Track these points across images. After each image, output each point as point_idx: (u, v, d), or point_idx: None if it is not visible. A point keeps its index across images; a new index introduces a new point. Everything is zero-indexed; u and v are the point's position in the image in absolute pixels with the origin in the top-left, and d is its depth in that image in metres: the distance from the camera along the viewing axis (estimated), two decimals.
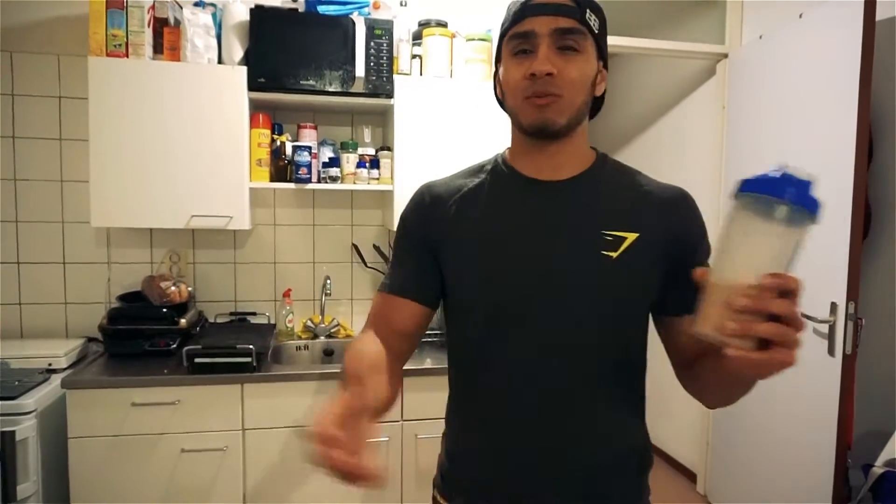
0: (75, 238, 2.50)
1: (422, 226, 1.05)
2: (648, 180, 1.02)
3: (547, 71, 0.88)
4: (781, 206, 0.66)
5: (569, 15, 0.91)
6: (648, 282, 0.95)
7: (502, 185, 1.01)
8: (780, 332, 0.66)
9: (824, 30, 2.23)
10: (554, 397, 0.95)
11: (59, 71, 2.44)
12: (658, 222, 0.96)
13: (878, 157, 2.23)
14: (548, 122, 0.92)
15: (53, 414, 2.04)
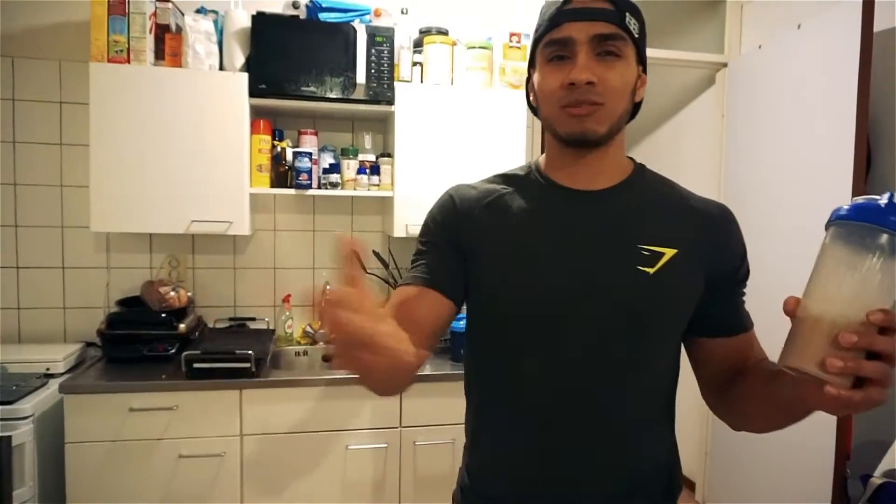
0: (75, 243, 2.50)
1: (450, 226, 0.98)
2: (688, 193, 0.98)
3: (587, 80, 0.84)
4: (884, 235, 0.62)
5: (608, 20, 0.86)
6: (685, 300, 0.92)
7: (536, 194, 0.97)
8: (882, 371, 0.64)
9: (823, 40, 2.24)
10: (585, 416, 0.91)
11: (61, 76, 2.44)
12: (698, 239, 0.92)
13: (876, 166, 2.24)
14: (587, 131, 0.88)
15: (51, 419, 2.04)
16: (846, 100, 2.08)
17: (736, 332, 0.97)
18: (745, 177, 2.75)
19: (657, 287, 0.89)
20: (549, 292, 0.90)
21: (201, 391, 2.08)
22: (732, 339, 0.96)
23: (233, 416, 2.11)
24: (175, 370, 2.13)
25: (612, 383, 0.91)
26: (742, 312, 0.98)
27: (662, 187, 0.99)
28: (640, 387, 0.93)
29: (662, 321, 0.91)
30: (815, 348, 0.66)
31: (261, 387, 2.12)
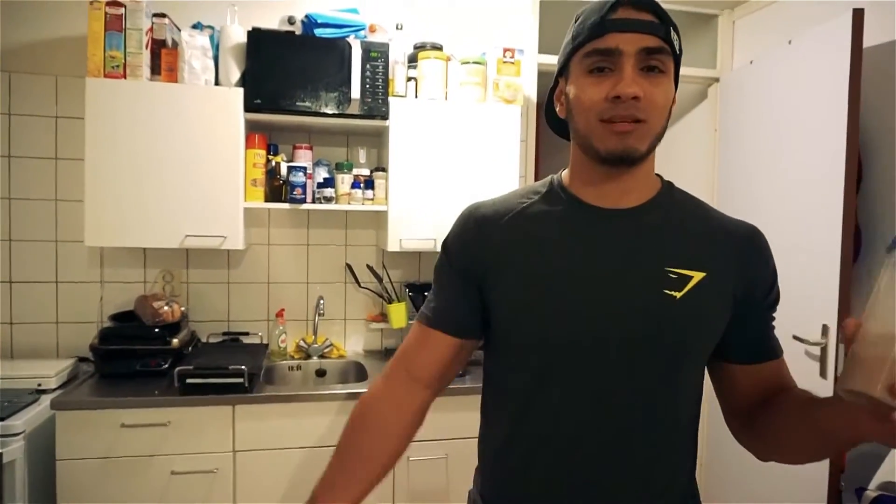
0: (69, 257, 2.50)
1: (466, 253, 0.96)
2: (718, 214, 0.95)
3: (634, 94, 0.80)
4: None
5: (655, 33, 0.83)
6: (713, 326, 0.88)
7: (559, 212, 0.92)
8: None
9: (813, 55, 2.26)
10: (605, 443, 0.88)
11: (57, 91, 2.45)
12: (728, 262, 0.88)
13: (867, 180, 2.26)
14: (629, 149, 0.83)
15: (42, 435, 2.02)
16: (837, 114, 2.10)
17: (765, 358, 0.93)
18: (738, 190, 2.77)
19: (684, 312, 0.85)
20: (570, 316, 0.86)
21: (194, 407, 2.07)
22: (761, 365, 0.93)
23: (226, 431, 2.10)
24: (168, 385, 2.12)
25: (635, 412, 0.87)
26: (771, 338, 0.94)
27: (691, 207, 0.95)
28: (664, 415, 0.89)
29: (688, 347, 0.88)
30: (883, 372, 0.63)
31: (254, 402, 2.11)
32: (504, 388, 0.96)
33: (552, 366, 0.88)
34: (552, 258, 0.89)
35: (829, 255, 2.11)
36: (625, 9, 0.83)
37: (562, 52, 0.91)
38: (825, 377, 2.13)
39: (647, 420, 0.88)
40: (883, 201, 2.23)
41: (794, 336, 2.23)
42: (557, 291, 0.87)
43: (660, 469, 0.91)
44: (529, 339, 0.89)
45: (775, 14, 2.76)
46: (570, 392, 0.88)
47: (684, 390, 0.91)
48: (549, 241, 0.90)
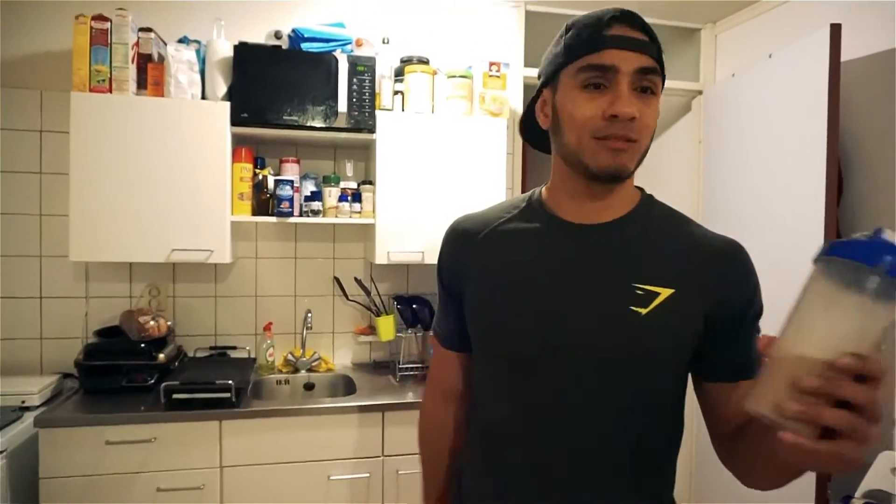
0: (53, 272, 2.47)
1: (450, 269, 1.02)
2: (697, 228, 0.92)
3: (633, 115, 0.80)
4: (873, 277, 0.55)
5: (649, 53, 0.83)
6: (681, 343, 0.86)
7: (534, 228, 0.93)
8: (850, 423, 0.56)
9: (793, 69, 2.30)
10: (573, 460, 0.87)
11: (42, 105, 2.44)
12: (700, 278, 0.86)
13: (848, 191, 2.29)
14: (621, 167, 0.84)
15: (25, 454, 1.99)
16: (817, 126, 2.13)
17: (741, 376, 0.87)
18: (722, 201, 2.80)
19: (649, 328, 0.83)
20: (537, 334, 0.87)
21: (181, 422, 2.05)
22: (739, 384, 0.88)
23: (212, 447, 2.08)
24: (154, 401, 2.10)
25: (596, 427, 0.86)
26: (750, 356, 0.87)
27: (669, 221, 0.93)
28: (634, 433, 0.87)
29: (655, 364, 0.86)
30: (775, 390, 0.59)
31: (241, 417, 2.10)
32: (477, 392, 1.00)
33: (517, 380, 0.89)
34: (522, 274, 0.90)
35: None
36: (620, 26, 0.83)
37: (549, 63, 0.90)
38: None
39: (616, 438, 0.87)
40: (863, 212, 2.27)
41: None
42: (524, 307, 0.88)
43: (633, 488, 0.89)
44: (496, 352, 0.92)
45: (756, 28, 2.81)
46: (535, 407, 0.88)
47: (656, 409, 0.89)
48: (521, 257, 0.92)
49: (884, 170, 2.19)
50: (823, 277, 0.59)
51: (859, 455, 0.57)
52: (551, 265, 0.89)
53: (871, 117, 2.24)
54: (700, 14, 3.01)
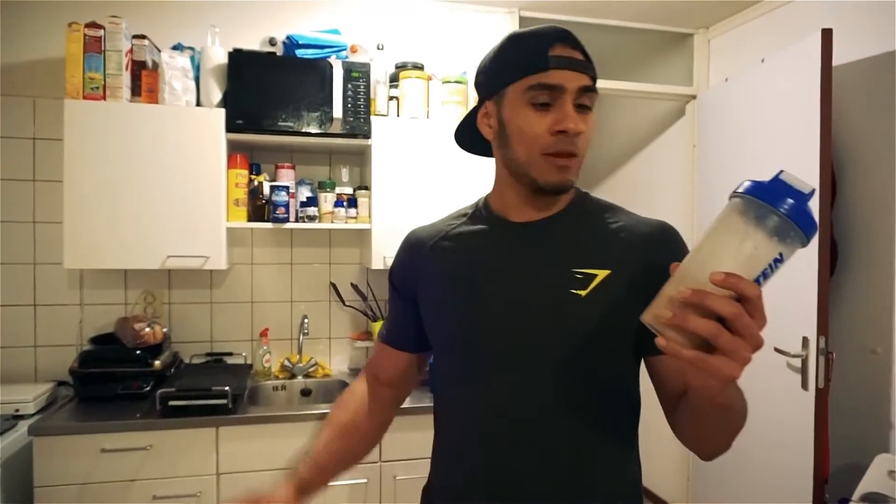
0: (47, 280, 2.46)
1: (403, 273, 1.09)
2: (628, 216, 0.99)
3: (580, 131, 0.88)
4: (773, 216, 0.62)
5: (589, 73, 0.91)
6: (621, 319, 0.90)
7: (481, 230, 1.01)
8: (718, 334, 0.61)
9: (785, 73, 2.32)
10: (527, 437, 0.92)
11: (35, 113, 2.43)
12: (634, 258, 0.92)
13: (841, 194, 2.31)
14: (566, 182, 0.91)
15: (19, 462, 1.98)
16: (810, 130, 2.15)
17: None
18: (716, 204, 2.79)
19: (590, 308, 0.90)
20: (485, 321, 0.94)
21: (176, 429, 2.04)
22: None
23: (209, 454, 2.07)
24: (150, 408, 2.09)
25: (551, 406, 0.91)
26: None
27: (602, 211, 1.00)
28: (586, 412, 0.92)
29: (600, 341, 0.91)
30: (659, 303, 0.65)
31: (238, 423, 2.09)
32: (438, 387, 1.06)
33: (471, 366, 0.96)
34: (470, 271, 0.97)
35: (807, 269, 2.14)
36: (562, 46, 0.90)
37: (492, 76, 0.95)
38: (806, 388, 2.16)
39: (570, 418, 0.91)
40: (857, 215, 2.28)
41: (776, 349, 2.26)
42: (473, 300, 0.95)
43: (593, 468, 0.93)
44: (450, 344, 1.00)
45: (749, 33, 2.83)
46: (488, 388, 0.94)
47: (609, 388, 0.94)
48: (471, 257, 0.99)
49: (877, 173, 2.20)
50: (732, 211, 0.65)
51: (731, 370, 0.62)
52: (498, 262, 0.96)
53: (863, 121, 2.26)
54: (693, 19, 3.03)
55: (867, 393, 2.22)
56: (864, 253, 2.26)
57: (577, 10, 2.93)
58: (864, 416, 2.23)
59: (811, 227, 0.63)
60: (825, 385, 2.12)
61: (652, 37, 3.17)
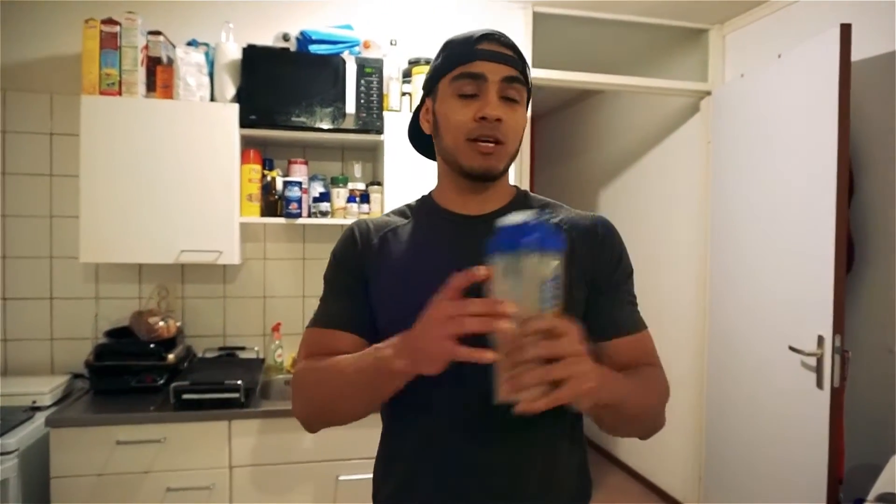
0: (63, 273, 2.49)
1: (353, 260, 1.04)
2: (567, 211, 1.05)
3: (498, 116, 0.92)
4: (509, 258, 0.71)
5: (514, 66, 0.96)
6: (573, 305, 0.95)
7: (427, 222, 1.04)
8: (547, 374, 0.69)
9: (802, 69, 2.29)
10: (476, 427, 0.94)
11: (52, 108, 2.46)
12: (578, 250, 0.97)
13: (859, 191, 2.28)
14: (491, 168, 0.95)
15: (36, 453, 2.01)
16: (827, 126, 2.12)
17: (614, 332, 0.99)
18: (731, 202, 2.79)
19: None
20: None
21: (190, 423, 2.06)
22: (616, 342, 0.99)
23: (222, 447, 2.09)
24: (164, 401, 2.11)
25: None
26: (623, 313, 1.01)
27: (544, 208, 1.06)
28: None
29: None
30: (498, 381, 0.73)
31: (250, 417, 2.10)
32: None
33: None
34: (418, 262, 0.99)
35: (823, 267, 2.12)
36: (490, 42, 0.96)
37: (430, 75, 1.02)
38: (821, 387, 2.13)
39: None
40: (875, 213, 2.25)
41: (791, 347, 2.24)
42: (424, 290, 0.92)
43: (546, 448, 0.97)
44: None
45: (765, 29, 2.80)
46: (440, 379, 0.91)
47: None
48: (416, 249, 1.01)
49: (895, 170, 2.17)
50: (498, 273, 0.73)
51: (581, 388, 0.71)
52: (447, 251, 0.98)
53: (881, 117, 2.23)
54: (708, 15, 3.00)
55: (883, 392, 2.20)
56: (881, 251, 2.23)
57: (592, 6, 2.91)
58: (879, 416, 2.21)
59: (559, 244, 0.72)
60: (840, 384, 2.10)
61: (667, 32, 3.15)
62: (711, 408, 2.91)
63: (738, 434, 2.65)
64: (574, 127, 4.76)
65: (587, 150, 4.56)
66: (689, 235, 3.27)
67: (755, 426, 2.53)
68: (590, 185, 4.48)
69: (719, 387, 2.83)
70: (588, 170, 4.54)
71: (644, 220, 3.75)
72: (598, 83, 3.09)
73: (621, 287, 1.02)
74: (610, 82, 3.07)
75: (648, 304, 4.16)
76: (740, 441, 2.63)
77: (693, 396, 3.13)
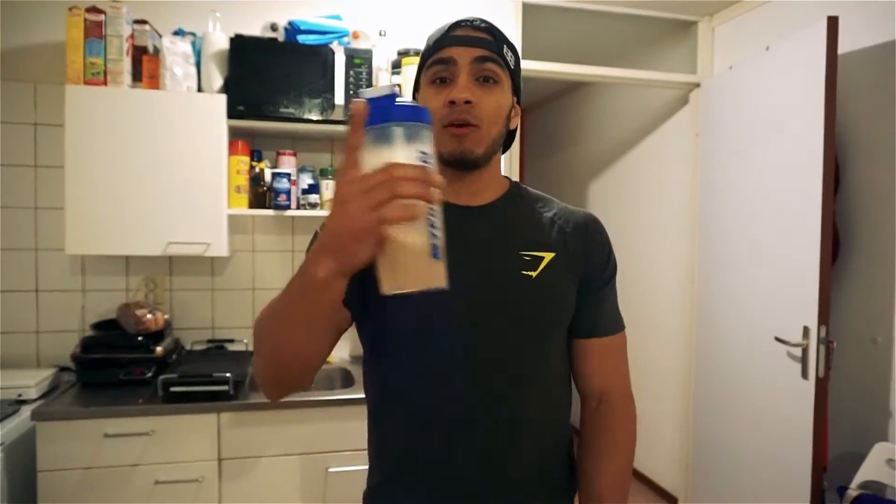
0: (49, 266, 2.46)
1: None
2: (560, 205, 1.06)
3: (466, 98, 0.91)
4: (396, 129, 0.66)
5: (487, 47, 0.94)
6: (568, 300, 0.99)
7: None
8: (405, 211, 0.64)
9: (790, 62, 2.31)
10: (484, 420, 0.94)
11: (36, 98, 2.42)
12: (571, 245, 0.99)
13: (844, 183, 2.30)
14: (466, 152, 0.94)
15: (22, 447, 1.99)
16: (814, 118, 2.14)
17: (593, 333, 1.03)
18: (718, 193, 2.80)
19: (540, 288, 0.96)
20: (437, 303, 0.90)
21: (178, 415, 2.05)
22: (592, 342, 1.03)
23: (210, 440, 2.08)
24: (152, 394, 2.10)
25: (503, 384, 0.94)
26: (603, 314, 1.04)
27: (538, 201, 1.06)
28: (537, 388, 0.97)
29: (548, 320, 0.98)
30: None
31: (239, 410, 2.10)
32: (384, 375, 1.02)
33: (423, 347, 0.95)
34: None
35: (809, 258, 2.14)
36: (463, 28, 0.96)
37: (417, 71, 1.03)
38: (806, 378, 2.16)
39: (524, 392, 0.96)
40: (860, 205, 2.28)
41: (776, 338, 2.27)
42: None
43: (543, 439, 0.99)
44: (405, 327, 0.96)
45: (754, 21, 2.81)
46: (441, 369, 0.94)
47: (555, 365, 1.01)
48: None
49: (880, 162, 2.20)
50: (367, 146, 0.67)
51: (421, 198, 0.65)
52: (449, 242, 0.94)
53: (867, 110, 2.24)
54: (697, 7, 3.01)
55: (867, 382, 2.23)
56: (866, 242, 2.26)
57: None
58: (863, 405, 2.24)
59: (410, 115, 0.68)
60: (825, 374, 2.13)
61: (656, 24, 3.15)
62: (699, 398, 2.94)
63: (725, 424, 2.68)
64: (563, 119, 4.76)
65: (576, 142, 4.57)
66: (677, 227, 3.29)
67: (741, 416, 2.56)
68: (578, 176, 4.49)
69: (706, 377, 2.86)
70: (577, 162, 4.55)
71: (633, 212, 3.77)
72: (587, 75, 3.09)
73: (606, 286, 1.04)
74: (599, 74, 3.07)
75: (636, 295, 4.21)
76: (726, 431, 2.66)
77: (681, 387, 3.16)
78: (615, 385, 1.05)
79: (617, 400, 1.04)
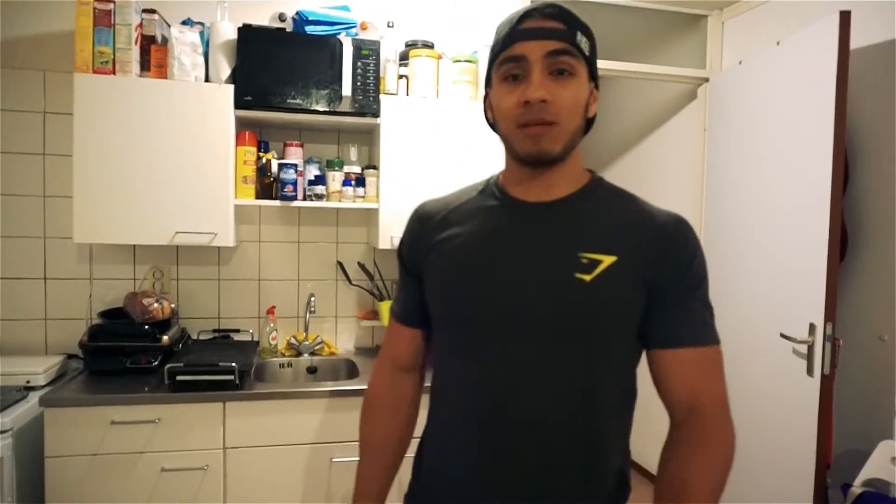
0: (57, 254, 2.48)
1: (410, 248, 1.08)
2: (643, 205, 0.98)
3: (541, 98, 0.87)
4: None
5: (560, 38, 0.89)
6: (623, 308, 0.91)
7: (489, 206, 1.00)
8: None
9: (801, 56, 2.28)
10: (519, 422, 0.92)
11: (45, 87, 2.43)
12: (643, 248, 0.91)
13: (853, 180, 2.28)
14: (543, 152, 0.90)
15: (30, 433, 2.01)
16: (824, 115, 2.12)
17: (671, 343, 0.92)
18: (725, 189, 2.79)
19: (593, 294, 0.89)
20: (485, 301, 0.93)
21: (184, 404, 2.06)
22: (675, 353, 0.92)
23: (216, 428, 2.09)
24: (158, 383, 2.11)
25: (545, 391, 0.91)
26: (686, 323, 0.92)
27: (616, 198, 0.99)
28: (583, 394, 0.91)
29: (599, 328, 0.90)
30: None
31: (244, 399, 2.11)
32: (436, 366, 1.05)
33: (469, 345, 0.95)
34: (477, 248, 0.96)
35: (816, 255, 2.13)
36: (533, 20, 0.90)
37: (487, 66, 0.99)
38: (812, 375, 2.15)
39: (564, 398, 0.91)
40: (868, 202, 2.26)
41: (782, 334, 2.26)
42: (478, 277, 0.94)
43: (581, 447, 0.93)
44: (452, 322, 0.98)
45: (764, 15, 2.79)
46: (485, 369, 0.93)
47: (606, 373, 0.93)
48: (477, 232, 0.98)
49: (890, 160, 2.18)
50: None
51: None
52: (504, 239, 0.95)
53: (878, 107, 2.23)
54: (707, 1, 2.98)
55: (872, 380, 2.22)
56: (875, 240, 2.24)
57: None
58: (868, 403, 2.23)
59: None
60: (831, 371, 2.12)
61: (665, 18, 3.12)
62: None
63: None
64: None
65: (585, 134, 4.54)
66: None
67: (746, 412, 2.55)
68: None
69: None
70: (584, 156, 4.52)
71: None
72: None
73: (689, 294, 0.93)
74: (607, 68, 3.05)
75: None
76: None
77: None
78: (706, 400, 0.93)
79: (707, 416, 0.93)
